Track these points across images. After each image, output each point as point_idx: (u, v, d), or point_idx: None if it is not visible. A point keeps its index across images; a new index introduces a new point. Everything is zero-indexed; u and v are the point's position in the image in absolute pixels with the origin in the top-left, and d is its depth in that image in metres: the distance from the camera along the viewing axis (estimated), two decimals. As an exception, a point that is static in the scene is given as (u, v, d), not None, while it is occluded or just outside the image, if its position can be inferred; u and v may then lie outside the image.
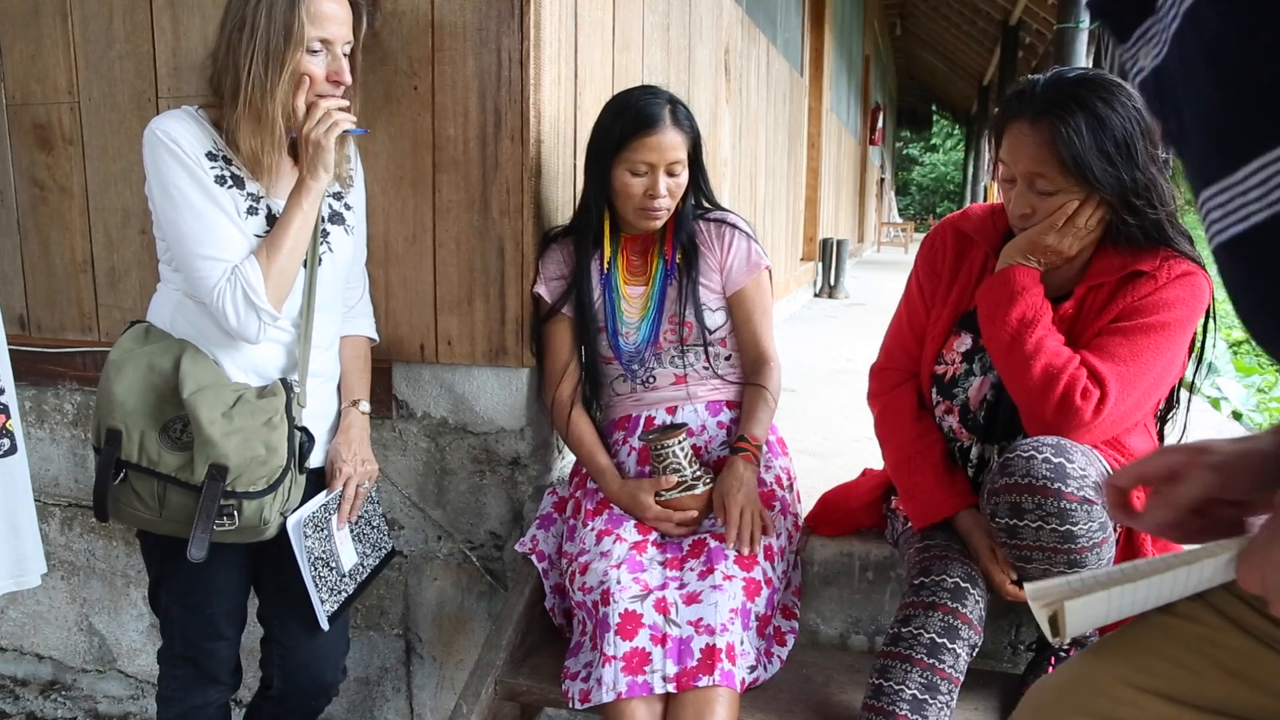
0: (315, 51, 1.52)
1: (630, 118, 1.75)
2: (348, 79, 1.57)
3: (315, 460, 1.68)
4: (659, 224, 1.82)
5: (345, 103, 1.57)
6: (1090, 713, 0.94)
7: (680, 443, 1.76)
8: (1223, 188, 0.60)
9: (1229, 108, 0.58)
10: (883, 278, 9.35)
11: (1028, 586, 0.90)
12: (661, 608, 1.62)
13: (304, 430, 1.60)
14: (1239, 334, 8.00)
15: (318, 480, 1.69)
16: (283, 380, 1.60)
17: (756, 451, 1.81)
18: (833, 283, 7.48)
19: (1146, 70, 0.66)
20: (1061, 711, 0.97)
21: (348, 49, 1.57)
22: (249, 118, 1.51)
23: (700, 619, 1.59)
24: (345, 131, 1.58)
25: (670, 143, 1.75)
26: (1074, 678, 0.98)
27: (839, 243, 7.44)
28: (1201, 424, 3.12)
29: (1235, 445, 0.84)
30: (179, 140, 1.50)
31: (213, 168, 1.52)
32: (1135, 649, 0.92)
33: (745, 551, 1.70)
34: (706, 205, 1.91)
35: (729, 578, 1.63)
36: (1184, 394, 1.70)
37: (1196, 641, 0.90)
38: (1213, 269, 0.81)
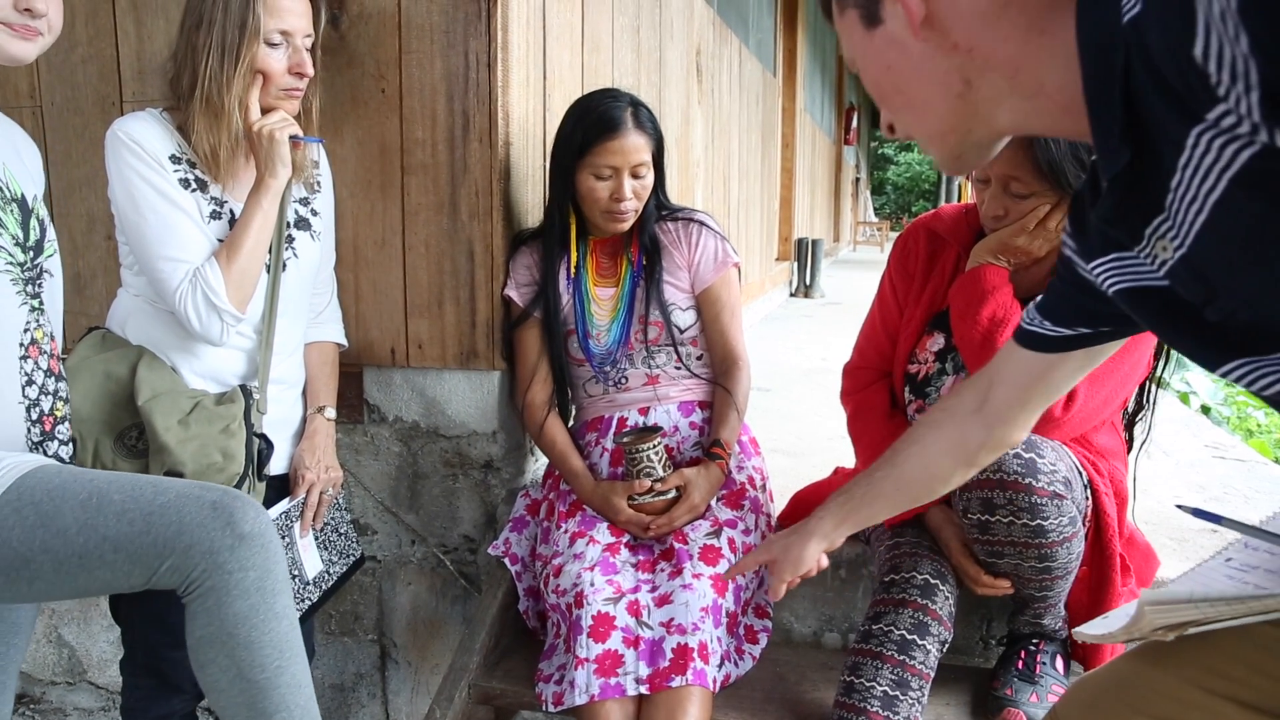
0: (275, 44, 1.51)
1: (592, 122, 1.74)
2: (310, 71, 1.56)
3: (279, 467, 1.67)
4: (625, 226, 1.82)
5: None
6: (1152, 714, 0.90)
7: (655, 447, 1.76)
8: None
9: None
10: (858, 277, 9.39)
11: (1144, 594, 0.83)
12: (634, 610, 1.62)
13: (263, 437, 1.58)
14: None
15: (282, 488, 1.68)
16: (242, 387, 1.58)
17: (728, 457, 1.83)
18: (808, 282, 7.50)
19: (1172, 260, 0.71)
20: (1119, 710, 0.93)
21: (308, 42, 1.56)
22: (206, 114, 1.49)
23: (672, 619, 1.59)
24: (304, 140, 1.58)
25: (633, 146, 1.74)
26: (1131, 677, 0.94)
27: (814, 242, 7.47)
28: (1170, 417, 3.16)
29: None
30: (141, 141, 1.48)
31: (176, 170, 1.51)
32: (1207, 650, 0.87)
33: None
34: (666, 206, 1.91)
35: (697, 576, 1.64)
36: (1153, 389, 1.71)
37: (1278, 646, 0.86)
38: None
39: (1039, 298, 1.03)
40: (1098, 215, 0.77)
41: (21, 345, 1.28)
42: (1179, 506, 0.92)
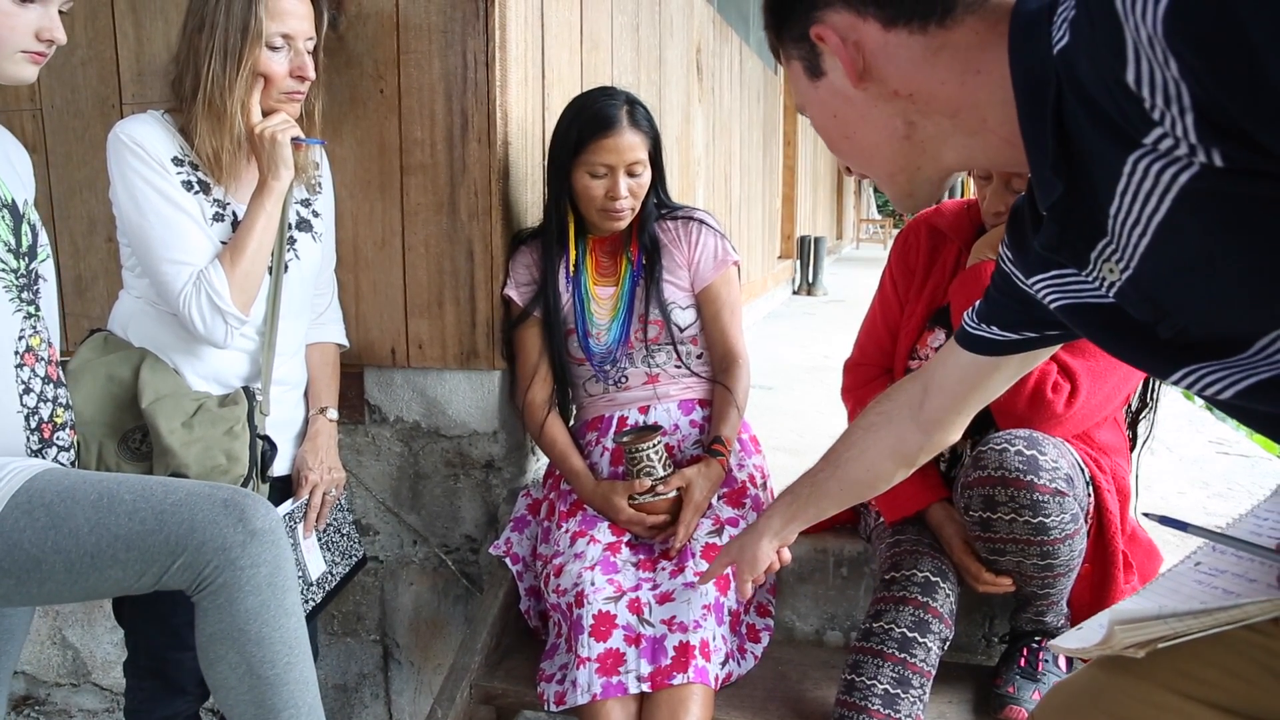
0: (277, 48, 1.51)
1: (587, 120, 1.74)
2: (312, 74, 1.57)
3: (282, 468, 1.67)
4: (622, 225, 1.82)
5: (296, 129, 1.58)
6: (1126, 718, 0.90)
7: (654, 446, 1.76)
8: (1229, 362, 0.69)
9: (1235, 301, 0.65)
10: (861, 274, 9.37)
11: (1114, 610, 0.83)
12: (635, 608, 1.62)
13: (266, 439, 1.58)
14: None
15: (285, 489, 1.68)
16: (245, 388, 1.58)
17: (729, 454, 1.83)
18: (811, 280, 7.50)
19: (1120, 282, 0.72)
20: (1093, 715, 0.92)
21: (310, 45, 1.56)
22: (208, 116, 1.50)
23: (674, 617, 1.59)
24: (306, 141, 1.58)
25: (628, 144, 1.74)
26: (1105, 681, 0.93)
27: (817, 240, 7.46)
28: (1173, 413, 3.15)
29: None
30: (143, 143, 1.48)
31: (178, 173, 1.51)
32: (1179, 654, 0.86)
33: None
34: (666, 204, 1.91)
35: (699, 574, 1.63)
36: (1157, 386, 1.71)
37: (1251, 649, 0.86)
38: None
39: (977, 304, 1.04)
40: (1041, 244, 0.78)
41: (16, 353, 1.28)
42: (1145, 515, 0.92)
